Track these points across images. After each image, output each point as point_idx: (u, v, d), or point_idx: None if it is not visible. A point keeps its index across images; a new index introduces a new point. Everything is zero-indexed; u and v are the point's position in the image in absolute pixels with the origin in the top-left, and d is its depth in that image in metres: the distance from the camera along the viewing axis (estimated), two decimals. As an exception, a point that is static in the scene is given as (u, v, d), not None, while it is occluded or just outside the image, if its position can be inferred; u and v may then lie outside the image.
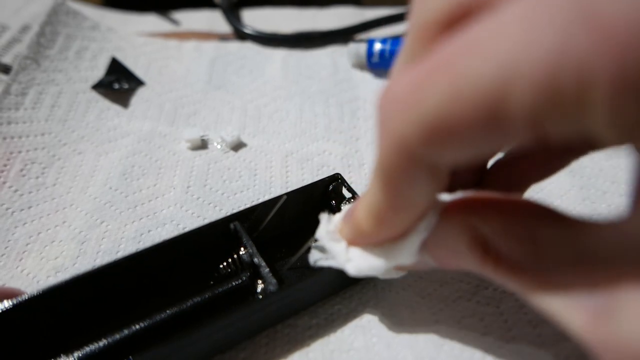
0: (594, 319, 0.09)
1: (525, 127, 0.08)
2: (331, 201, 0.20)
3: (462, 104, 0.08)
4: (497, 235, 0.11)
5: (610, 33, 0.07)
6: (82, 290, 0.16)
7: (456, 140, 0.09)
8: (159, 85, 0.30)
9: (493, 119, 0.08)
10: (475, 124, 0.08)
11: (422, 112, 0.09)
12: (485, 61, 0.08)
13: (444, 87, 0.08)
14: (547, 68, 0.07)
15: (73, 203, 0.23)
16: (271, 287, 0.16)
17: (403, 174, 0.10)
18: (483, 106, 0.08)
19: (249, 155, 0.26)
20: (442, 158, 0.10)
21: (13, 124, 0.25)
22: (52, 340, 0.16)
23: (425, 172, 0.10)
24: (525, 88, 0.07)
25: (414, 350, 0.17)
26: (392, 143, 0.10)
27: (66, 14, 0.31)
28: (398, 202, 0.12)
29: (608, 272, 0.09)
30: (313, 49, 0.35)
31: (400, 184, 0.11)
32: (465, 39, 0.08)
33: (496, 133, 0.08)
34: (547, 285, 0.10)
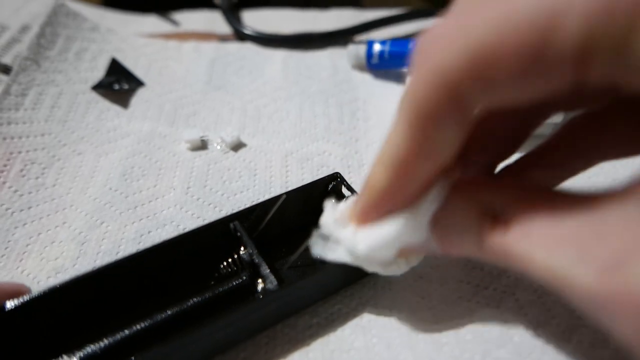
0: (603, 271, 0.09)
1: (571, 62, 0.08)
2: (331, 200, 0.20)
3: (511, 33, 0.08)
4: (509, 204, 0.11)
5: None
6: (83, 290, 0.16)
7: (501, 74, 0.09)
8: (158, 86, 0.30)
9: (542, 49, 0.08)
10: (523, 55, 0.08)
11: (468, 41, 0.09)
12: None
13: (492, 16, 0.08)
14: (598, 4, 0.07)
15: (73, 204, 0.23)
16: (271, 286, 0.16)
17: (438, 111, 0.10)
18: (533, 36, 0.08)
19: (249, 155, 0.26)
20: (483, 95, 0.09)
21: (13, 124, 0.25)
22: (53, 340, 0.16)
23: (459, 113, 0.10)
24: (577, 18, 0.07)
25: (414, 350, 0.17)
26: (431, 75, 0.10)
27: (66, 15, 0.31)
28: (424, 145, 0.11)
29: (617, 222, 0.09)
30: (313, 50, 0.35)
31: (431, 123, 0.10)
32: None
33: (542, 68, 0.08)
34: (556, 244, 0.10)
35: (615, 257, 0.09)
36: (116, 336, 0.16)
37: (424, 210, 0.13)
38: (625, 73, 0.08)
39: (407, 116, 0.11)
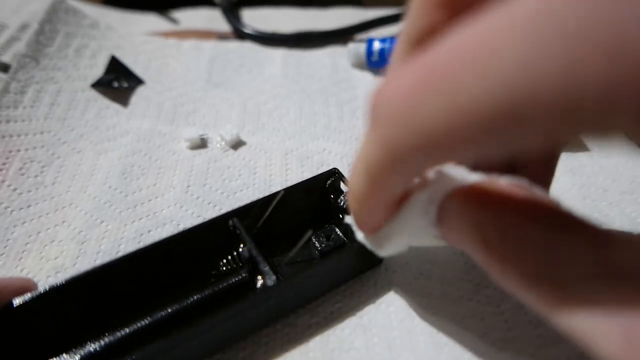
0: (627, 341, 0.08)
1: (536, 140, 0.08)
2: (329, 196, 0.20)
3: (462, 121, 0.08)
4: (508, 238, 0.11)
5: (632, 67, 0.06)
6: (84, 289, 0.16)
7: (450, 152, 0.09)
8: (158, 84, 0.30)
9: (494, 136, 0.08)
10: (473, 140, 0.08)
11: (416, 123, 0.09)
12: (491, 77, 0.07)
13: (440, 102, 0.08)
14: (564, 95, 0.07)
15: (72, 202, 0.23)
16: (270, 282, 0.16)
17: (386, 173, 0.11)
18: (484, 126, 0.08)
19: (249, 153, 0.26)
20: (433, 163, 0.10)
21: (12, 122, 0.25)
22: (53, 339, 0.16)
23: (410, 173, 0.10)
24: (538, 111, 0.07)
25: (414, 350, 0.17)
26: (381, 146, 0.10)
27: (65, 12, 0.31)
28: (379, 191, 0.12)
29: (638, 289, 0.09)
30: (313, 48, 0.35)
31: (381, 179, 0.11)
32: (463, 43, 0.08)
33: (497, 147, 0.08)
34: (567, 299, 0.09)
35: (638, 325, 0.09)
36: (116, 334, 0.15)
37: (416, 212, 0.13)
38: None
39: (363, 169, 0.11)
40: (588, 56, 0.06)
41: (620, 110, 0.06)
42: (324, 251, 0.18)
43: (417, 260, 0.20)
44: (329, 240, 0.19)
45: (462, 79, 0.08)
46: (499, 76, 0.07)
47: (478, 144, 0.08)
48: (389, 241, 0.15)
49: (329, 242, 0.19)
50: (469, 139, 0.08)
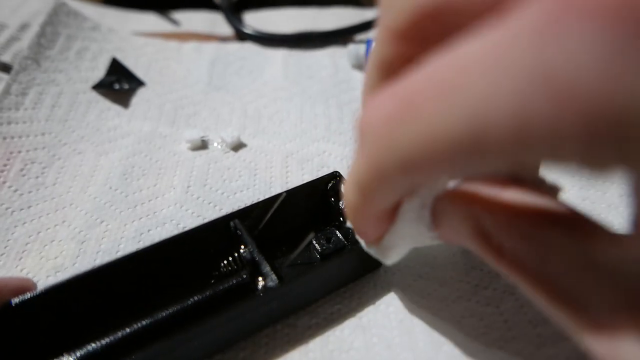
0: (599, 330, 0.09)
1: (498, 165, 0.08)
2: (330, 199, 0.20)
3: (433, 147, 0.08)
4: (500, 229, 0.11)
5: (572, 102, 0.07)
6: (83, 289, 0.16)
7: (428, 173, 0.09)
8: (159, 86, 0.30)
9: (465, 159, 0.08)
10: (446, 163, 0.09)
11: (395, 148, 0.09)
12: (454, 109, 0.08)
13: (415, 130, 0.09)
14: (514, 127, 0.07)
15: (73, 202, 0.23)
16: (271, 284, 0.16)
17: (374, 189, 0.11)
18: (454, 148, 0.08)
19: (249, 155, 0.26)
20: (417, 181, 0.10)
21: (13, 124, 0.25)
22: (53, 339, 0.16)
23: (397, 189, 0.11)
24: (495, 139, 0.08)
25: (414, 351, 0.17)
26: (368, 165, 0.11)
27: (67, 15, 0.32)
28: (370, 205, 0.12)
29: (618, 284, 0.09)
30: (313, 49, 0.35)
31: (371, 195, 0.12)
32: (433, 74, 0.09)
33: (467, 167, 0.09)
34: (554, 291, 0.10)
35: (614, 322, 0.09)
36: (116, 334, 0.15)
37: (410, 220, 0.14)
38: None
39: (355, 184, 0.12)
40: (534, 98, 0.07)
41: (566, 147, 0.07)
42: (324, 254, 0.19)
43: (416, 262, 0.20)
44: (330, 243, 0.19)
45: (430, 110, 0.08)
46: (461, 110, 0.08)
47: (452, 167, 0.09)
48: (391, 250, 0.15)
49: (329, 244, 0.19)
50: (442, 164, 0.09)
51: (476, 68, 0.08)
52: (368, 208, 0.13)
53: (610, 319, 0.09)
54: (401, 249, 0.15)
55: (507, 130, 0.07)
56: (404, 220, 0.14)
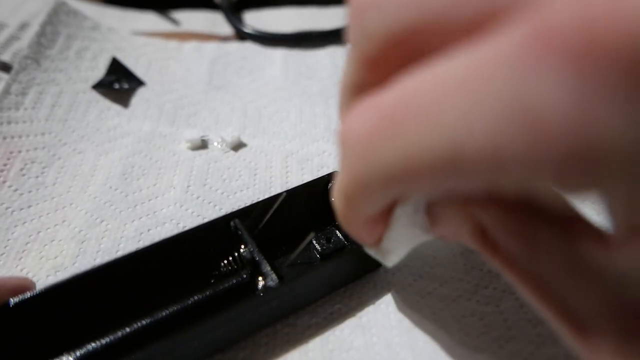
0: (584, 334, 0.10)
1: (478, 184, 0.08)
2: (330, 198, 0.20)
3: (412, 164, 0.09)
4: (495, 226, 0.11)
5: (545, 135, 0.07)
6: (83, 289, 0.16)
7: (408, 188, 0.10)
8: (159, 86, 0.30)
9: (443, 177, 0.08)
10: (426, 180, 0.09)
11: (375, 162, 0.10)
12: (432, 130, 0.08)
13: (394, 147, 0.09)
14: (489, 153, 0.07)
15: (73, 202, 0.23)
16: (272, 284, 0.16)
17: (358, 198, 0.11)
18: (432, 168, 0.08)
19: (249, 155, 0.26)
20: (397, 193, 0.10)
21: (13, 123, 0.25)
22: (53, 339, 0.16)
23: (381, 198, 0.11)
24: (471, 162, 0.08)
25: (414, 350, 0.17)
26: (350, 177, 0.11)
27: (67, 14, 0.32)
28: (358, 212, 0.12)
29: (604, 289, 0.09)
30: (313, 49, 0.35)
31: (357, 204, 0.12)
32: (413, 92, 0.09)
33: (447, 185, 0.09)
34: (540, 289, 0.10)
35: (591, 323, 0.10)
36: (116, 334, 0.15)
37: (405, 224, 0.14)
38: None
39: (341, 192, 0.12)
40: (508, 127, 0.07)
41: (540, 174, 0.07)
42: (324, 254, 0.19)
43: (416, 262, 0.20)
44: (330, 243, 0.19)
45: (410, 128, 0.08)
46: (439, 131, 0.08)
47: (432, 184, 0.09)
48: (390, 253, 0.15)
49: (329, 244, 0.19)
50: (422, 180, 0.09)
51: (454, 91, 0.08)
52: (356, 215, 0.13)
53: (595, 325, 0.09)
54: (399, 251, 0.15)
55: (482, 155, 0.07)
56: (398, 226, 0.14)
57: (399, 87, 0.09)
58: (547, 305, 0.10)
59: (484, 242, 0.12)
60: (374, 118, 0.09)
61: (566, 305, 0.10)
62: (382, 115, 0.09)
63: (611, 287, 0.09)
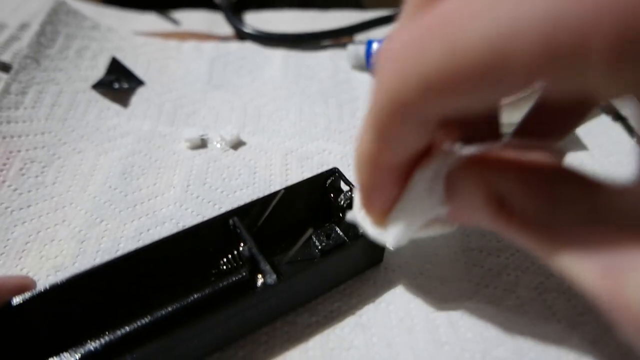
0: (602, 277, 0.10)
1: (523, 82, 0.08)
2: (329, 195, 0.20)
3: (461, 61, 0.08)
4: (512, 190, 0.11)
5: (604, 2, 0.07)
6: (83, 288, 0.16)
7: (452, 95, 0.09)
8: (158, 85, 0.30)
9: (491, 75, 0.08)
10: (473, 80, 0.09)
11: (418, 68, 0.09)
12: (484, 21, 0.08)
13: (442, 44, 0.09)
14: (544, 34, 0.07)
15: (73, 202, 0.23)
16: (271, 281, 0.16)
17: (394, 126, 0.11)
18: (482, 64, 0.08)
19: (249, 153, 0.26)
20: (435, 111, 0.10)
21: (13, 123, 0.25)
22: (53, 338, 0.16)
23: (416, 124, 0.11)
24: (524, 49, 0.08)
25: (414, 349, 0.17)
26: (386, 97, 0.10)
27: (66, 14, 0.32)
28: (389, 147, 0.12)
29: (621, 233, 0.10)
30: (313, 49, 0.35)
31: (391, 134, 0.11)
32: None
33: (493, 88, 0.09)
34: (559, 243, 0.11)
35: (615, 264, 0.10)
36: (116, 333, 0.15)
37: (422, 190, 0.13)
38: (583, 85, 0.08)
39: (372, 125, 0.12)
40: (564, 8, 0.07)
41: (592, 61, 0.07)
42: (324, 250, 0.18)
43: (416, 260, 0.20)
44: (329, 239, 0.19)
45: (462, 25, 0.08)
46: (493, 23, 0.08)
47: (475, 88, 0.09)
48: (396, 228, 0.14)
49: (329, 241, 0.19)
50: (465, 83, 0.09)
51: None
52: (384, 155, 0.12)
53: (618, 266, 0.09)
54: (407, 228, 0.14)
55: (534, 45, 0.07)
56: (415, 190, 0.13)
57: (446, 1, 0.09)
58: (564, 256, 0.10)
59: (498, 210, 0.12)
60: (425, 23, 0.09)
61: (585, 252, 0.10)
62: (435, 18, 0.09)
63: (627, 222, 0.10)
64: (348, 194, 0.20)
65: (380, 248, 0.19)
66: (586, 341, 0.16)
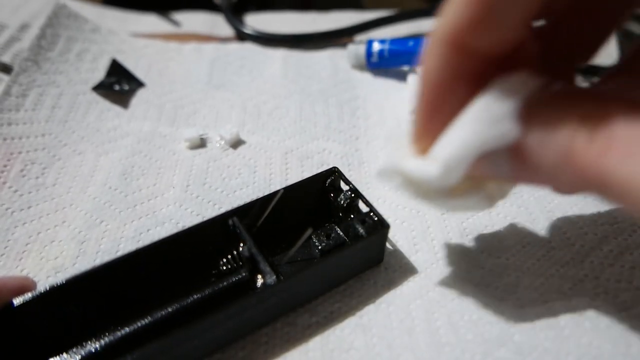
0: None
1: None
2: (329, 195, 0.20)
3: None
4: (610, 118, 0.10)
5: None
6: (83, 289, 0.16)
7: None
8: (159, 87, 0.30)
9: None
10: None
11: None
12: None
13: None
14: None
15: (73, 203, 0.23)
16: (270, 281, 0.16)
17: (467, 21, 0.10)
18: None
19: (248, 152, 0.26)
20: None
21: (13, 125, 0.25)
22: (53, 339, 0.16)
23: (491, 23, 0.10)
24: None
25: (414, 351, 0.17)
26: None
27: (67, 17, 0.32)
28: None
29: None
30: (313, 50, 0.35)
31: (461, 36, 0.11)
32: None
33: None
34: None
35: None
36: (116, 333, 0.15)
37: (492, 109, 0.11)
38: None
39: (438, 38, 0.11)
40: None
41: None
42: (324, 250, 0.18)
43: (417, 261, 0.20)
44: (329, 239, 0.19)
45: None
46: None
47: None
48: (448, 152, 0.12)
49: (329, 241, 0.19)
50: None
51: None
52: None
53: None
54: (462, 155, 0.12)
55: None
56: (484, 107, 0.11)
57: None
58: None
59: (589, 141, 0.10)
60: None
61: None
62: None
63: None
64: (348, 194, 0.20)
65: (380, 248, 0.19)
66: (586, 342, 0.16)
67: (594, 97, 0.11)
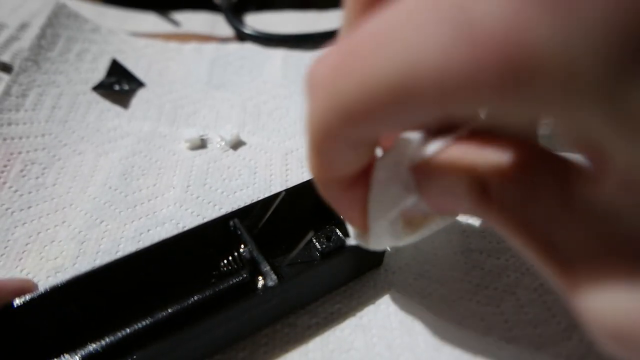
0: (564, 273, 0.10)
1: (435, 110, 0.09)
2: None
3: (371, 94, 0.09)
4: (490, 174, 0.11)
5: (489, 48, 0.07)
6: (83, 289, 0.16)
7: (373, 122, 0.10)
8: (159, 87, 0.30)
9: (400, 106, 0.09)
10: (384, 110, 0.09)
11: (337, 97, 0.10)
12: (387, 59, 0.08)
13: (354, 78, 0.09)
14: (438, 77, 0.08)
15: (73, 203, 0.23)
16: (271, 283, 0.16)
17: (327, 147, 0.11)
18: (389, 97, 0.09)
19: (249, 153, 0.26)
20: (364, 134, 0.11)
21: (13, 125, 0.25)
22: (53, 339, 0.16)
23: (349, 146, 0.11)
24: (422, 89, 0.08)
25: (414, 351, 0.17)
26: (314, 122, 0.11)
27: (67, 17, 0.32)
28: (331, 166, 0.12)
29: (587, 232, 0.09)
30: (313, 50, 0.35)
31: (327, 156, 0.12)
32: (373, 27, 0.09)
33: (405, 115, 0.09)
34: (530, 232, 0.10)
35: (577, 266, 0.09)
36: (116, 334, 0.15)
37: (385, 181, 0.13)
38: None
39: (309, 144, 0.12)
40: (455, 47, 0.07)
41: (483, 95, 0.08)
42: (324, 252, 0.18)
43: (416, 261, 0.20)
44: (330, 242, 0.19)
45: (368, 60, 0.09)
46: (394, 59, 0.08)
47: (389, 116, 0.09)
48: (374, 228, 0.14)
49: (329, 243, 0.19)
50: (380, 112, 0.09)
51: (405, 20, 0.08)
52: (329, 171, 0.12)
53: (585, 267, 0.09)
54: (383, 225, 0.14)
55: (431, 80, 0.08)
56: (378, 183, 0.13)
57: (364, 25, 0.09)
58: (537, 248, 0.10)
59: (480, 196, 0.11)
60: (338, 54, 0.10)
61: (556, 247, 0.10)
62: (346, 49, 0.10)
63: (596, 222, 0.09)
64: None
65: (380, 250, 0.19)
66: (585, 342, 0.16)
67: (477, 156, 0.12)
